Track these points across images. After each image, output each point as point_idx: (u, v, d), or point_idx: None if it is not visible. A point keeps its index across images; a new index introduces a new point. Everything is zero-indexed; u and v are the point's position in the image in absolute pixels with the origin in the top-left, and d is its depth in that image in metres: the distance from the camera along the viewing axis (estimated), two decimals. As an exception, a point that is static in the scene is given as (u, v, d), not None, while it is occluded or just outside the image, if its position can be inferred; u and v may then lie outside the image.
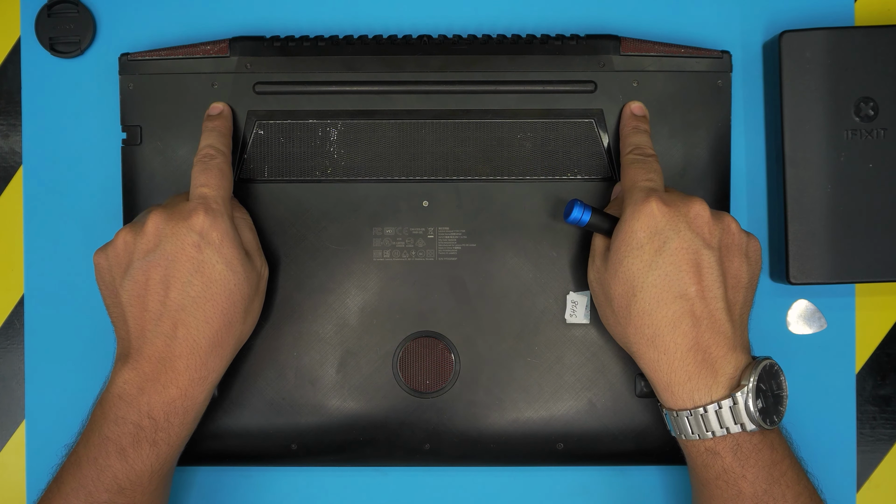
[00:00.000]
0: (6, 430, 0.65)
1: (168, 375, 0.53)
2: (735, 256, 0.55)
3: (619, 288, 0.54)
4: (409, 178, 0.61)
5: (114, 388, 0.54)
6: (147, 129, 0.61)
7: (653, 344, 0.53)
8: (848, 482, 0.65)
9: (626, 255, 0.53)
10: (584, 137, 0.61)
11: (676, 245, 0.53)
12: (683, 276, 0.53)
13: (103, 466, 0.53)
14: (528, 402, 0.61)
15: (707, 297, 0.53)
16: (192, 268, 0.53)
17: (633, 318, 0.54)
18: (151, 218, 0.54)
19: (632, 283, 0.53)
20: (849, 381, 0.65)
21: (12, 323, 0.65)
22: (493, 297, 0.61)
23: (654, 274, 0.53)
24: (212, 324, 0.54)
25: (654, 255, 0.53)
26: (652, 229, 0.53)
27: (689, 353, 0.53)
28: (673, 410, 0.54)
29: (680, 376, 0.53)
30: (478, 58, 0.60)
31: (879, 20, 0.65)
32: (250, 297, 0.56)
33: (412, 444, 0.61)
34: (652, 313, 0.53)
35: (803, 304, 0.65)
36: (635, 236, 0.53)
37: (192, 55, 0.61)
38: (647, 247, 0.53)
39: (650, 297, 0.53)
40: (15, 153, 0.65)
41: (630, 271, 0.53)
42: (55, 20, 0.64)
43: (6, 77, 0.65)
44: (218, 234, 0.54)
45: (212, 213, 0.54)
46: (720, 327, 0.53)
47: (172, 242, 0.53)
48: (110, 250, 0.55)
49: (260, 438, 0.61)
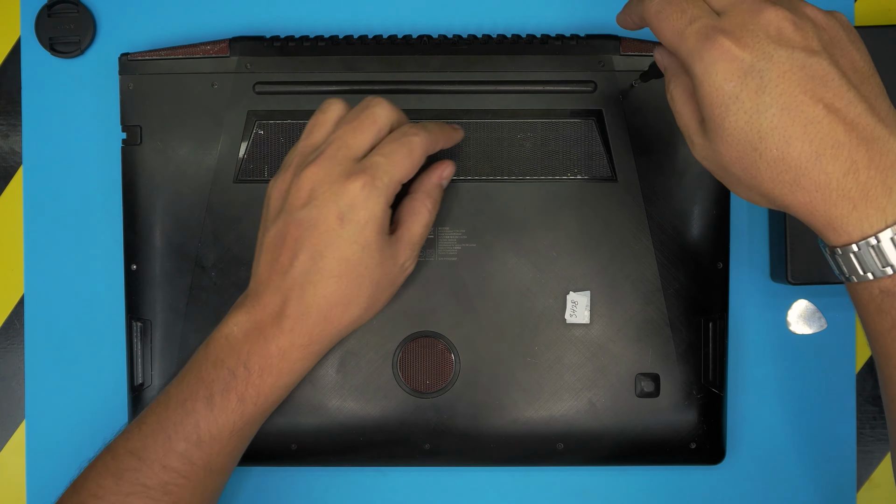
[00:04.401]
0: (6, 430, 0.65)
1: (273, 331, 0.52)
2: (843, 46, 0.46)
3: (735, 153, 0.46)
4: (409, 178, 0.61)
5: (224, 328, 0.53)
6: (147, 129, 0.61)
7: (798, 186, 0.45)
8: (848, 482, 0.65)
9: (726, 116, 0.45)
10: (584, 137, 0.61)
11: (776, 72, 0.44)
12: (802, 101, 0.44)
13: (189, 410, 0.53)
14: (528, 402, 0.61)
15: (839, 107, 0.44)
16: (329, 240, 0.52)
17: (764, 174, 0.45)
18: (310, 172, 0.52)
19: (747, 140, 0.45)
20: (849, 381, 0.65)
21: (12, 323, 0.65)
22: (493, 297, 0.61)
23: (766, 117, 0.44)
24: (328, 299, 0.52)
25: (757, 97, 0.44)
26: (738, 71, 0.44)
27: (846, 178, 0.44)
28: (837, 247, 0.46)
29: (842, 208, 0.45)
30: (478, 58, 0.60)
31: (879, 20, 0.65)
32: (381, 286, 0.54)
33: (412, 444, 0.61)
34: (784, 158, 0.44)
35: (803, 304, 0.65)
36: (723, 90, 0.45)
37: (192, 55, 0.61)
38: (744, 93, 0.44)
39: (775, 143, 0.44)
40: (15, 153, 0.65)
41: (738, 129, 0.45)
42: (55, 20, 0.64)
43: (6, 77, 0.65)
44: (366, 214, 0.51)
45: (370, 189, 0.51)
46: (871, 133, 0.44)
47: (319, 208, 0.51)
48: (277, 183, 0.54)
49: (260, 438, 0.61)
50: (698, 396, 0.61)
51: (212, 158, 0.61)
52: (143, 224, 0.61)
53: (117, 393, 0.63)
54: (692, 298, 0.61)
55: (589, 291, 0.61)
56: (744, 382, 0.64)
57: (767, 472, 0.65)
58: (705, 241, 0.61)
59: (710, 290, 0.61)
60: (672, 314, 0.61)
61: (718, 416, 0.61)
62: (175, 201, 0.61)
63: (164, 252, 0.61)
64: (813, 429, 0.64)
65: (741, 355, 0.64)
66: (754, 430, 0.64)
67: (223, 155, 0.61)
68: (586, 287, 0.61)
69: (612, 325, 0.61)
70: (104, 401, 0.64)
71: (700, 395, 0.61)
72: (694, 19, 0.45)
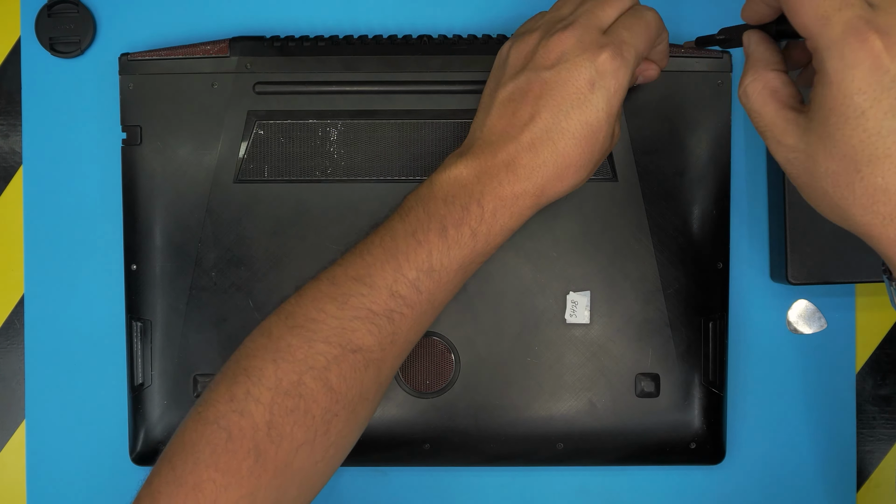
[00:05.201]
0: (6, 430, 0.65)
1: (508, 176, 0.52)
2: None
3: (834, 167, 0.42)
4: (409, 178, 0.61)
5: (450, 172, 0.53)
6: (147, 129, 0.61)
7: (893, 221, 0.42)
8: (848, 482, 0.65)
9: (842, 128, 0.41)
10: (584, 137, 0.61)
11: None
12: None
13: (421, 241, 0.52)
14: (528, 402, 0.61)
15: None
16: (576, 102, 0.51)
17: (859, 198, 0.42)
18: (563, 36, 0.52)
19: (854, 160, 0.41)
20: (849, 381, 0.65)
21: (12, 323, 0.65)
22: (493, 297, 0.61)
23: (886, 143, 0.41)
24: (565, 158, 0.52)
25: (884, 119, 0.40)
26: (877, 84, 0.40)
27: None
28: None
29: None
30: (478, 58, 0.60)
31: (879, 20, 0.65)
32: (601, 153, 0.53)
33: (412, 444, 0.61)
34: (888, 189, 0.41)
35: (803, 304, 0.65)
36: (852, 101, 0.40)
37: (192, 55, 0.61)
38: (872, 111, 0.40)
39: (882, 172, 0.41)
40: (15, 153, 0.65)
41: (849, 146, 0.41)
42: (55, 20, 0.64)
43: (6, 77, 0.65)
44: (615, 83, 0.51)
45: (620, 60, 0.51)
46: None
47: (570, 70, 0.51)
48: (520, 45, 0.53)
49: (260, 438, 0.61)
50: (698, 396, 0.61)
51: (212, 158, 0.61)
52: (143, 224, 0.61)
53: (117, 393, 0.63)
54: (692, 298, 0.61)
55: (589, 291, 0.61)
56: (744, 382, 0.64)
57: (767, 472, 0.65)
58: (705, 241, 0.61)
59: (710, 290, 0.61)
60: (672, 314, 0.61)
61: (718, 416, 0.61)
62: (175, 201, 0.61)
63: (164, 252, 0.61)
64: (813, 429, 0.64)
65: (741, 355, 0.64)
66: (754, 430, 0.64)
67: (223, 155, 0.61)
68: (586, 287, 0.61)
69: (612, 325, 0.61)
70: (104, 401, 0.64)
71: (700, 395, 0.61)
72: (846, 5, 0.40)
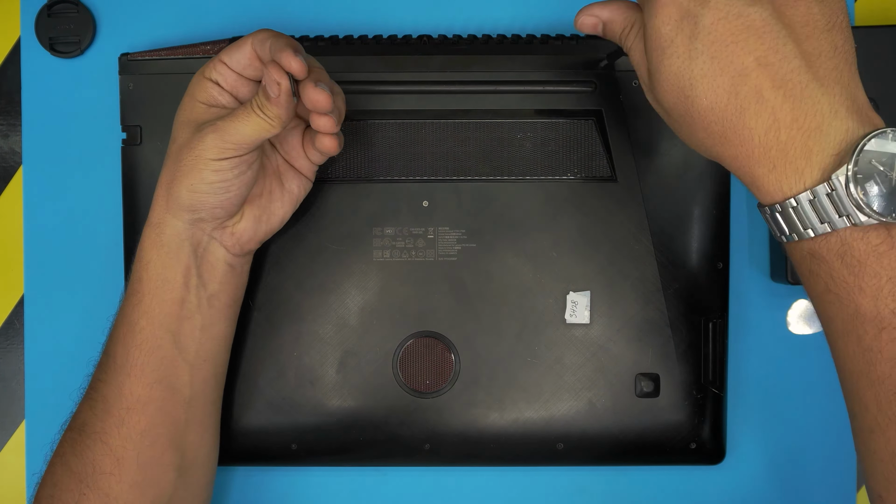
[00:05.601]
0: (6, 430, 0.65)
1: None
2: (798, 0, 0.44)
3: (671, 98, 0.45)
4: (409, 178, 0.61)
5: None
6: (147, 129, 0.61)
7: (726, 140, 0.44)
8: (848, 482, 0.65)
9: (662, 60, 0.45)
10: (584, 137, 0.61)
11: (710, 19, 0.43)
12: (733, 50, 0.43)
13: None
14: (528, 402, 0.61)
15: (771, 60, 0.43)
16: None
17: (697, 123, 0.45)
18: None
19: (680, 86, 0.45)
20: (849, 381, 0.65)
21: (12, 323, 0.65)
22: (493, 297, 0.61)
23: (697, 64, 0.44)
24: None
25: (689, 43, 0.44)
26: (675, 14, 0.44)
27: (767, 136, 0.43)
28: (765, 207, 0.45)
29: (763, 167, 0.44)
30: (478, 58, 0.60)
31: (879, 20, 0.65)
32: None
33: (412, 444, 0.61)
34: (713, 108, 0.44)
35: (803, 304, 0.65)
36: (660, 33, 0.45)
37: (192, 55, 0.61)
38: (678, 38, 0.44)
39: (704, 91, 0.44)
40: (15, 153, 0.65)
41: (672, 74, 0.45)
42: (55, 20, 0.64)
43: (6, 77, 0.65)
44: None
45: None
46: (802, 91, 0.43)
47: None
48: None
49: (260, 438, 0.61)
50: (698, 396, 0.61)
51: (212, 158, 0.61)
52: (143, 224, 0.61)
53: (117, 393, 0.63)
54: (692, 298, 0.61)
55: (589, 291, 0.61)
56: (744, 382, 0.64)
57: (767, 473, 0.64)
58: (705, 241, 0.61)
59: (710, 290, 0.61)
60: (672, 314, 0.61)
61: (718, 416, 0.61)
62: (175, 201, 0.61)
63: (164, 252, 0.61)
64: (813, 429, 0.64)
65: (741, 355, 0.64)
66: (754, 430, 0.64)
67: (223, 155, 0.61)
68: (586, 287, 0.61)
69: (612, 325, 0.61)
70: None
71: (700, 395, 0.61)
72: None
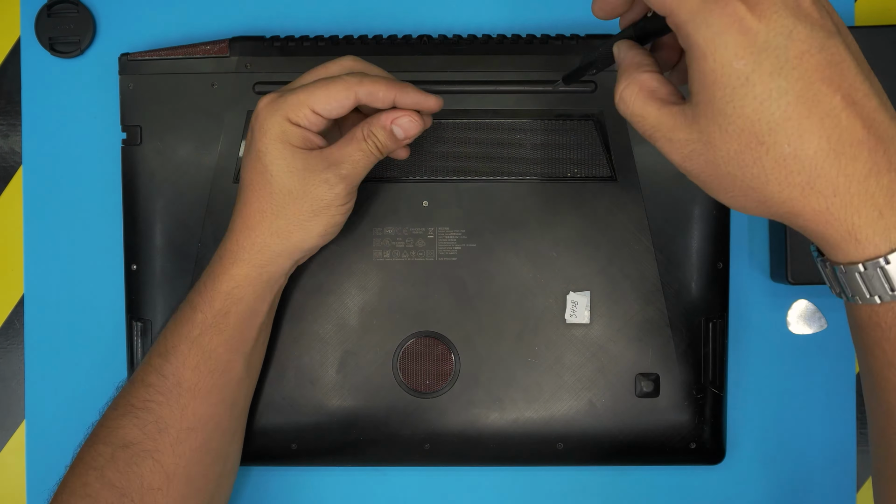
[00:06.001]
0: (6, 430, 0.65)
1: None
2: (847, 32, 0.40)
3: (734, 146, 0.39)
4: (409, 178, 0.61)
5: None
6: (147, 129, 0.61)
7: (813, 190, 0.39)
8: (848, 482, 0.65)
9: (730, 101, 0.38)
10: (583, 137, 0.61)
11: (795, 52, 0.37)
12: (819, 88, 0.38)
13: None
14: (528, 402, 0.61)
15: (857, 99, 0.38)
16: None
17: (770, 174, 0.39)
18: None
19: (753, 132, 0.38)
20: (849, 381, 0.65)
21: (12, 323, 0.65)
22: (493, 297, 0.61)
23: (780, 106, 0.38)
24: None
25: (771, 81, 0.38)
26: (751, 46, 0.37)
27: (868, 181, 0.38)
28: (856, 264, 0.39)
29: (867, 214, 0.38)
30: (478, 58, 0.60)
31: (879, 20, 0.65)
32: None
33: (412, 444, 0.61)
34: (797, 155, 0.38)
35: (803, 304, 0.65)
36: (732, 69, 0.38)
37: (192, 55, 0.61)
38: (755, 75, 0.38)
39: (787, 137, 0.38)
40: (15, 153, 0.65)
41: (743, 118, 0.38)
42: (55, 20, 0.64)
43: (6, 77, 0.65)
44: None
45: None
46: (887, 130, 0.39)
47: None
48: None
49: (260, 438, 0.61)
50: (698, 396, 0.61)
51: (212, 158, 0.61)
52: (143, 224, 0.61)
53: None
54: (692, 298, 0.61)
55: (589, 291, 0.61)
56: (744, 382, 0.64)
57: (767, 472, 0.64)
58: (705, 241, 0.61)
59: (710, 290, 0.61)
60: (672, 314, 0.61)
61: (718, 416, 0.61)
62: (175, 201, 0.61)
63: (164, 252, 0.61)
64: (813, 429, 0.64)
65: (741, 355, 0.64)
66: (754, 430, 0.64)
67: (223, 155, 0.61)
68: (586, 287, 0.61)
69: (612, 325, 0.61)
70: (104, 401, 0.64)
71: (700, 395, 0.61)
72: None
